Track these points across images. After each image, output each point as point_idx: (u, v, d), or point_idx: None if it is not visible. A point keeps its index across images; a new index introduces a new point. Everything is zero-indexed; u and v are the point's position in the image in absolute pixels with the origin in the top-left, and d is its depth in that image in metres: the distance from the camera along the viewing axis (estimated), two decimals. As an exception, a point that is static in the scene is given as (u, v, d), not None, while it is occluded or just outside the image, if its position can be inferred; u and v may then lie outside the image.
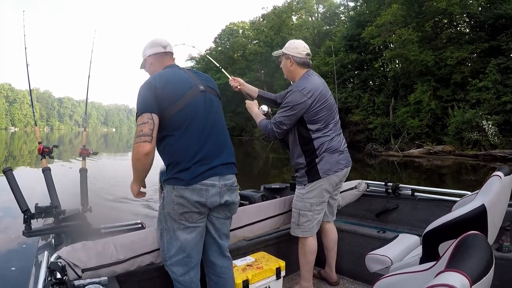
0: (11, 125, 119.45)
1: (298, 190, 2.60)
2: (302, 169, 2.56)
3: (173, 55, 2.15)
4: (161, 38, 2.14)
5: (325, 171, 2.50)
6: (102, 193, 5.08)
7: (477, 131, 18.38)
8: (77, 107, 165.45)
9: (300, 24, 47.70)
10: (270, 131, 2.55)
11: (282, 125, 2.49)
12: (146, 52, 2.12)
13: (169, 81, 1.90)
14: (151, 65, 2.10)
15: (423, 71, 22.40)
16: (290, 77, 2.67)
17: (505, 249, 2.26)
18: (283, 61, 2.66)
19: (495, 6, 20.73)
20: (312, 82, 2.52)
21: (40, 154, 2.42)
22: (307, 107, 2.44)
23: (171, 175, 1.86)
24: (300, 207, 2.58)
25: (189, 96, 1.90)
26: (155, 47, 2.10)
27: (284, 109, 2.49)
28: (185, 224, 1.88)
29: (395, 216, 3.14)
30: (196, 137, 1.87)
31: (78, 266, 1.72)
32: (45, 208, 2.14)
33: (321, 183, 2.52)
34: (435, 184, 11.50)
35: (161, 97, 1.83)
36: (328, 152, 2.51)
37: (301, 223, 2.58)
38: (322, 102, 2.48)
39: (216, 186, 1.88)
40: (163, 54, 2.10)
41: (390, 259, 2.00)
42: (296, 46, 2.60)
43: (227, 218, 2.08)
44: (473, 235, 1.01)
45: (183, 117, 1.86)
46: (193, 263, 1.95)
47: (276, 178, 12.32)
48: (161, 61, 2.09)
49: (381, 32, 24.50)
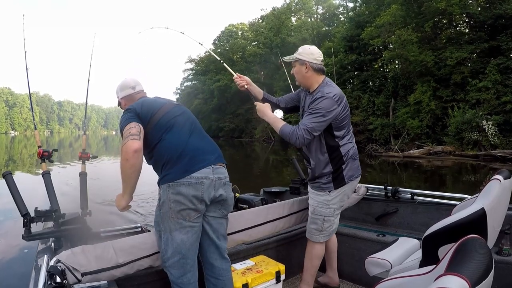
0: (11, 129, 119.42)
1: (322, 196, 2.54)
2: (327, 176, 2.51)
3: (143, 91, 2.32)
4: (130, 80, 2.30)
5: (349, 177, 2.50)
6: (102, 196, 5.06)
7: (477, 132, 18.42)
8: (77, 110, 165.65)
9: (299, 25, 47.81)
10: (298, 137, 2.38)
11: (314, 131, 2.38)
12: (119, 95, 2.29)
13: (145, 102, 2.10)
14: (125, 105, 2.25)
15: (423, 71, 22.43)
16: (305, 83, 2.58)
17: (505, 253, 2.26)
18: (296, 67, 2.55)
19: (494, 6, 20.76)
20: (338, 89, 2.47)
21: (39, 158, 2.43)
22: (337, 114, 2.39)
23: (165, 173, 1.92)
24: (325, 214, 2.54)
25: (165, 107, 2.09)
26: (125, 90, 2.26)
27: (315, 116, 2.37)
28: (182, 222, 1.91)
29: (394, 220, 3.13)
30: (182, 135, 2.01)
31: (78, 270, 1.72)
32: (45, 212, 2.14)
33: (345, 188, 2.52)
34: (435, 184, 11.51)
35: (141, 114, 2.00)
36: (351, 158, 2.51)
37: (324, 228, 2.57)
38: (347, 110, 2.47)
39: (210, 178, 1.95)
40: (133, 94, 2.26)
41: (390, 262, 1.99)
42: (312, 52, 2.52)
43: (223, 216, 2.12)
44: (472, 238, 1.01)
45: (166, 120, 2.02)
46: (189, 264, 1.96)
47: (276, 179, 12.33)
48: (133, 100, 2.22)
49: (381, 32, 24.55)
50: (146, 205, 6.89)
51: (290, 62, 2.62)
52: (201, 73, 60.49)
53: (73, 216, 2.24)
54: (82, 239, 2.09)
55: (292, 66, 2.59)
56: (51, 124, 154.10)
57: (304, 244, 3.20)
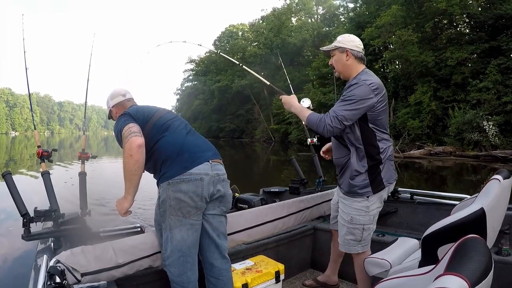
0: (12, 130, 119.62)
1: (360, 203, 2.27)
2: (361, 175, 2.24)
3: (133, 99, 2.33)
4: (119, 88, 2.33)
5: (387, 179, 2.28)
6: (101, 196, 5.07)
7: (477, 132, 18.38)
8: (78, 111, 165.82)
9: (299, 25, 47.89)
10: (326, 125, 2.14)
11: (345, 120, 2.13)
12: (109, 104, 2.30)
13: (139, 108, 2.16)
14: (117, 114, 2.23)
15: (423, 72, 22.42)
16: (345, 72, 2.37)
17: (504, 253, 2.26)
18: (336, 56, 2.37)
19: (495, 6, 20.76)
20: (377, 79, 2.26)
21: (39, 158, 2.43)
22: (373, 105, 2.16)
23: (164, 171, 1.94)
24: (365, 222, 2.29)
25: (159, 112, 2.16)
26: (116, 97, 2.28)
27: (347, 103, 2.14)
28: (182, 220, 1.91)
29: (394, 220, 3.13)
30: (179, 134, 2.06)
31: (77, 271, 1.72)
32: (44, 211, 2.14)
33: (383, 193, 2.30)
34: (436, 185, 11.50)
35: (136, 119, 2.03)
36: (389, 159, 2.29)
37: (364, 238, 2.33)
38: (384, 104, 2.25)
39: (209, 175, 1.96)
40: (124, 101, 2.27)
41: (389, 262, 1.99)
42: (352, 39, 2.36)
43: (223, 214, 2.12)
44: (472, 238, 1.01)
45: (162, 123, 2.07)
46: (190, 263, 1.96)
47: (276, 179, 12.33)
48: (124, 107, 2.23)
49: (381, 33, 24.53)
50: (146, 205, 6.89)
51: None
52: (201, 73, 60.52)
53: (72, 216, 2.25)
54: (82, 239, 2.09)
55: (331, 56, 2.42)
56: (51, 125, 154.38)
57: (304, 244, 3.21)
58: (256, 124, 50.57)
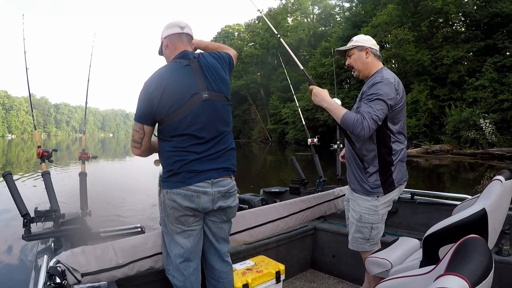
0: (8, 133, 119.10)
1: (370, 202, 2.28)
2: (372, 176, 2.25)
3: (191, 37, 2.04)
4: (180, 20, 2.02)
5: (398, 180, 2.27)
6: (102, 196, 5.05)
7: (474, 130, 18.46)
8: (74, 113, 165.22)
9: (295, 25, 47.86)
10: (364, 127, 2.06)
11: (379, 120, 2.09)
12: (163, 34, 2.00)
13: (167, 89, 1.80)
14: (166, 48, 2.00)
15: (420, 70, 22.49)
16: (365, 70, 2.36)
17: (505, 253, 2.27)
18: (355, 54, 2.35)
19: (490, 5, 20.87)
20: (397, 78, 2.26)
21: (39, 158, 2.42)
22: (394, 104, 2.15)
23: (164, 178, 1.89)
24: (374, 221, 2.30)
25: (188, 105, 1.82)
26: (172, 28, 1.98)
27: (378, 102, 2.10)
28: (182, 228, 1.89)
29: (394, 220, 3.13)
30: (193, 145, 1.83)
31: (78, 271, 1.71)
32: (45, 212, 2.15)
33: (394, 194, 2.31)
34: (433, 183, 11.52)
35: (157, 108, 1.81)
36: (401, 160, 2.28)
37: (372, 236, 2.34)
38: (403, 103, 2.24)
39: (209, 193, 1.84)
40: (178, 35, 1.97)
41: (390, 262, 1.99)
42: (369, 38, 2.37)
43: (224, 222, 2.03)
44: (473, 238, 1.01)
45: (180, 125, 1.82)
46: (192, 267, 1.94)
47: (276, 179, 12.33)
48: (175, 44, 1.97)
49: (377, 32, 24.58)
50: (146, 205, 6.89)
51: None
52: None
53: (73, 216, 2.25)
54: (82, 239, 2.09)
55: (348, 56, 2.39)
56: (48, 127, 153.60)
57: (304, 244, 3.21)
58: (253, 125, 50.50)
